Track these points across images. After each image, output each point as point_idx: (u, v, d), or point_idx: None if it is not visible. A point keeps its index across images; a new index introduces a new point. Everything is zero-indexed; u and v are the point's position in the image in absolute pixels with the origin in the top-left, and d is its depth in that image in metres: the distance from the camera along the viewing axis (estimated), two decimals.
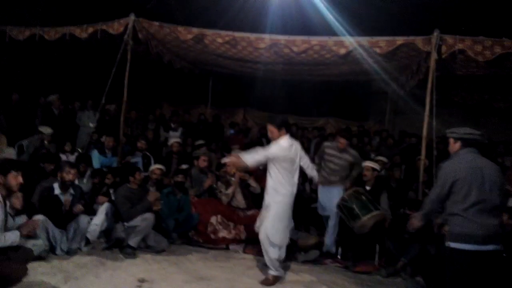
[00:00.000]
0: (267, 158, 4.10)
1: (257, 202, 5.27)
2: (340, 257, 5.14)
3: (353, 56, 5.95)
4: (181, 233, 5.34)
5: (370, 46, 5.47)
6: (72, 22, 6.66)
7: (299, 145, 4.37)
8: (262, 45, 5.92)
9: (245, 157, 4.06)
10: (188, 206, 5.45)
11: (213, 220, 5.46)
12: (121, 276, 4.02)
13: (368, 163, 5.40)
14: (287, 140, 4.17)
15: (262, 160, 4.10)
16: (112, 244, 4.76)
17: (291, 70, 7.71)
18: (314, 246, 5.12)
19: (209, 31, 6.04)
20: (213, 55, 7.12)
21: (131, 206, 4.81)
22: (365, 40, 5.47)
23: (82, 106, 8.45)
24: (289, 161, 4.12)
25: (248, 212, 5.60)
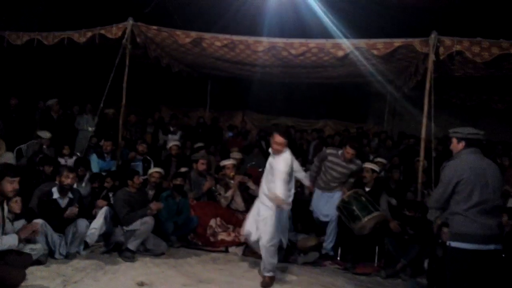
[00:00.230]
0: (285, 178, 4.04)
1: None
2: (339, 258, 5.14)
3: (351, 58, 5.97)
4: (180, 236, 5.34)
5: (368, 48, 5.47)
6: (70, 27, 6.67)
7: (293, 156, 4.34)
8: (260, 48, 5.93)
9: (279, 192, 3.96)
10: (187, 209, 5.44)
11: (212, 223, 5.46)
12: (120, 280, 4.02)
13: (368, 165, 5.42)
14: (289, 152, 4.19)
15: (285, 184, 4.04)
16: (111, 248, 4.76)
17: (289, 72, 7.73)
18: (313, 248, 5.13)
19: (207, 35, 6.05)
20: (211, 58, 7.13)
21: (130, 210, 4.80)
22: (362, 42, 5.48)
23: (81, 110, 8.46)
24: (288, 174, 4.14)
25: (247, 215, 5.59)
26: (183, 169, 6.15)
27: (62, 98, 8.18)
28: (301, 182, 5.21)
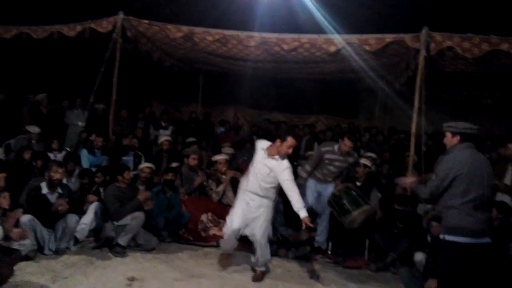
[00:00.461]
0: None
1: None
2: (330, 252, 5.19)
3: (343, 54, 5.97)
4: (171, 231, 5.32)
5: (360, 43, 5.48)
6: (60, 21, 6.57)
7: None
8: (252, 43, 5.90)
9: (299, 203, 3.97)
10: (178, 204, 5.43)
11: (204, 217, 5.46)
12: (111, 275, 3.99)
13: (362, 160, 5.47)
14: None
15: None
16: (102, 243, 4.72)
17: (281, 68, 7.72)
18: (305, 242, 5.15)
19: (199, 29, 6.01)
20: (203, 53, 7.09)
21: (121, 205, 4.77)
22: (354, 38, 5.48)
23: (71, 105, 8.36)
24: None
25: None
26: (174, 164, 6.13)
27: (51, 92, 8.08)
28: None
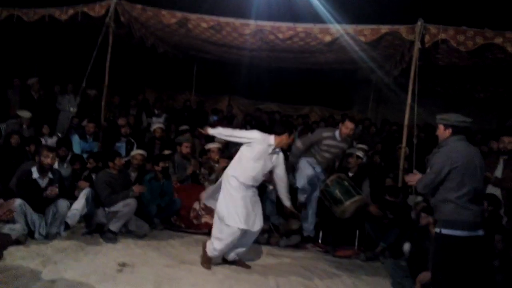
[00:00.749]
0: None
1: None
2: (321, 241, 5.24)
3: (338, 44, 5.96)
4: (163, 218, 5.33)
5: (355, 34, 5.47)
6: (52, 4, 6.46)
7: None
8: (247, 31, 5.87)
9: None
10: (171, 191, 5.42)
11: (196, 205, 5.46)
12: (102, 260, 3.99)
13: (355, 151, 5.51)
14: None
15: None
16: (93, 229, 4.71)
17: (276, 57, 7.68)
18: (295, 231, 5.19)
19: (193, 16, 5.95)
20: (197, 40, 7.02)
21: (112, 191, 4.75)
22: (350, 28, 5.47)
23: (62, 90, 8.26)
24: None
25: None
26: (166, 152, 6.11)
27: (43, 77, 7.97)
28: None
